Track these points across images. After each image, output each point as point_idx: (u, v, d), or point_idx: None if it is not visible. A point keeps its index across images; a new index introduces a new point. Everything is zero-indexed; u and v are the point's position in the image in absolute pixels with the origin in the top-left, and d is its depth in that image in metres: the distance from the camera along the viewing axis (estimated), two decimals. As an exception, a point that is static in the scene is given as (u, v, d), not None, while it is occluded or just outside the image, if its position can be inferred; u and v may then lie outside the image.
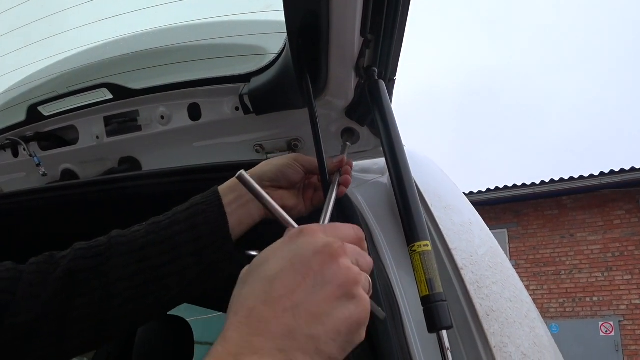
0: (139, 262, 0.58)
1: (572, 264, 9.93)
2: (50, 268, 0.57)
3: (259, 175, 0.69)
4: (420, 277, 0.54)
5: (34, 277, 0.56)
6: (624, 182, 9.33)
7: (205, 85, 0.93)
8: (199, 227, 0.61)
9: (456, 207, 0.81)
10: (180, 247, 0.60)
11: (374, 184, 0.88)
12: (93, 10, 0.92)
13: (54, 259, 0.59)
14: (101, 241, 0.61)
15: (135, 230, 0.62)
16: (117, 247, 0.59)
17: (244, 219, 0.65)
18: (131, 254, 0.59)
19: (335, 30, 0.67)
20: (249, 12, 0.86)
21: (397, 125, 0.69)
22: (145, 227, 0.62)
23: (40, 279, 0.56)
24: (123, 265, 0.58)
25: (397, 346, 0.60)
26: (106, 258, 0.58)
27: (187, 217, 0.62)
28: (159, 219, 0.63)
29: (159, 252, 0.59)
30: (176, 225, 0.61)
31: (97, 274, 0.57)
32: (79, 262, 0.58)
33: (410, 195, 0.62)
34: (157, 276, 0.59)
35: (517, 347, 0.59)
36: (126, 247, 0.59)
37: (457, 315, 0.62)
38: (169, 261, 0.59)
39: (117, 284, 0.57)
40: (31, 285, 0.54)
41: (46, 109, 1.07)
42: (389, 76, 0.77)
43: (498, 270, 0.71)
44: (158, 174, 0.94)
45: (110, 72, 1.00)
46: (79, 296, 0.56)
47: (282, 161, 0.70)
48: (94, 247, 0.60)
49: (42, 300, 0.54)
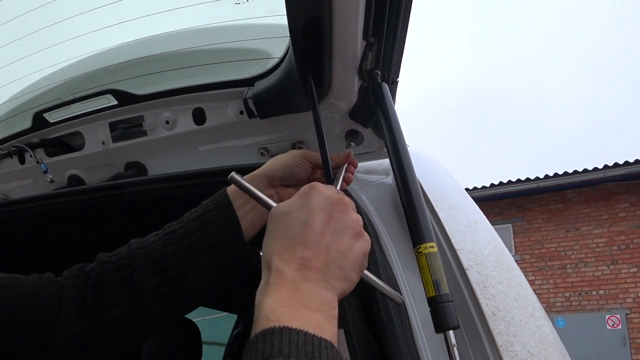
0: (160, 274, 0.61)
1: (578, 258, 9.90)
2: (84, 282, 0.60)
3: (269, 175, 0.70)
4: (427, 278, 0.55)
5: (74, 290, 0.59)
6: (629, 174, 9.29)
7: (210, 89, 0.94)
8: (213, 235, 0.63)
9: (461, 207, 0.81)
10: (197, 256, 0.62)
11: (378, 184, 0.89)
12: (97, 17, 0.93)
13: (83, 271, 0.62)
14: (122, 254, 0.63)
15: (153, 242, 0.64)
16: (137, 260, 0.62)
17: (256, 220, 0.67)
18: (152, 267, 0.61)
19: (337, 34, 0.68)
20: (252, 17, 0.86)
21: (400, 127, 0.70)
22: (161, 237, 0.64)
23: (78, 292, 0.59)
24: (146, 277, 0.61)
25: (405, 346, 0.61)
26: (129, 272, 0.61)
27: (201, 225, 0.64)
28: (174, 227, 0.65)
29: (177, 263, 0.62)
30: (191, 234, 0.63)
31: (123, 287, 0.60)
32: (106, 276, 0.61)
33: (415, 196, 0.62)
34: (178, 285, 0.62)
35: (524, 345, 0.60)
36: (146, 259, 0.62)
37: (464, 316, 0.62)
38: (187, 270, 0.62)
39: (142, 296, 0.60)
40: (73, 300, 0.58)
41: (52, 116, 1.08)
42: (392, 78, 0.78)
43: (503, 270, 0.71)
44: (164, 179, 0.95)
45: (115, 78, 1.01)
46: (110, 309, 0.59)
47: (291, 160, 0.71)
48: (116, 260, 0.62)
49: (84, 313, 0.58)
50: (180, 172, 0.96)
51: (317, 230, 0.47)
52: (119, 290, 0.60)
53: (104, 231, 1.16)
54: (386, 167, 0.93)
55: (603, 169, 9.47)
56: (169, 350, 1.66)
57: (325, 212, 0.49)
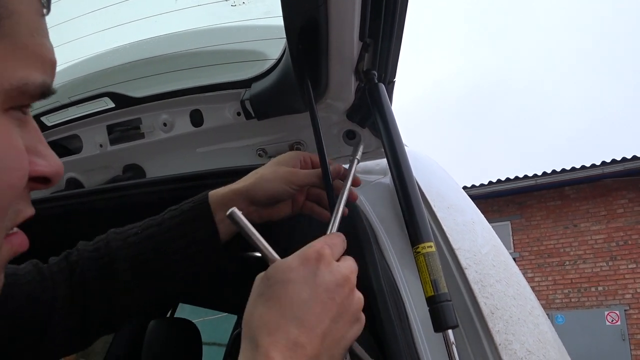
0: (137, 267, 0.64)
1: (577, 254, 9.92)
2: (69, 276, 0.63)
3: (250, 196, 0.67)
4: (425, 278, 0.55)
5: (64, 287, 0.62)
6: (626, 170, 9.31)
7: (207, 91, 0.94)
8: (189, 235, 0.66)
9: (459, 207, 0.81)
10: (171, 254, 0.65)
11: (376, 184, 0.89)
12: (93, 20, 0.93)
13: (69, 262, 0.65)
14: (100, 244, 0.66)
15: (132, 234, 0.66)
16: (116, 252, 0.65)
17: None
18: (129, 260, 0.64)
19: (334, 35, 0.68)
20: (248, 19, 0.86)
21: (397, 127, 0.70)
22: (140, 233, 0.67)
23: (68, 289, 0.62)
24: (124, 269, 0.64)
25: (405, 344, 0.61)
26: (108, 263, 0.64)
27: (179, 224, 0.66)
28: (152, 223, 0.68)
29: (154, 258, 0.64)
30: (169, 232, 0.66)
31: (104, 279, 0.64)
32: (87, 265, 0.64)
33: (413, 196, 0.62)
34: (155, 280, 0.65)
35: (522, 344, 0.60)
36: (124, 252, 0.65)
37: (462, 315, 0.63)
38: (162, 267, 0.65)
39: (121, 287, 0.64)
40: (64, 298, 0.61)
41: (49, 119, 1.08)
42: (389, 79, 0.78)
43: (501, 269, 0.71)
44: (162, 181, 0.95)
45: (112, 81, 1.01)
46: (93, 297, 0.63)
47: (276, 187, 0.67)
48: (95, 250, 0.66)
49: (76, 307, 0.62)
50: (179, 174, 0.96)
51: (317, 313, 0.43)
52: (100, 281, 0.63)
53: (103, 233, 1.16)
54: (384, 167, 0.93)
55: (601, 166, 9.49)
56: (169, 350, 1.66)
57: (329, 294, 0.44)
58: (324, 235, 0.52)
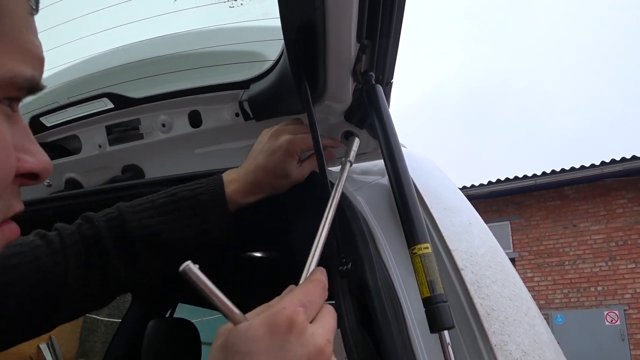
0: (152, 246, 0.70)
1: (576, 254, 9.93)
2: (83, 247, 0.67)
3: (259, 185, 0.77)
4: (421, 279, 0.55)
5: (77, 259, 0.65)
6: (626, 170, 9.32)
7: (205, 92, 0.94)
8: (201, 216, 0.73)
9: (456, 208, 0.82)
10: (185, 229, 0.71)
11: (374, 185, 0.89)
12: (92, 21, 0.93)
13: (83, 236, 0.68)
14: (116, 221, 0.70)
15: (146, 209, 0.72)
16: (131, 230, 0.69)
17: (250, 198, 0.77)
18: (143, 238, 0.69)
19: (331, 37, 0.68)
20: (246, 20, 0.87)
21: (394, 128, 0.70)
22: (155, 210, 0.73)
23: (81, 257, 0.66)
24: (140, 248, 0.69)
25: (401, 345, 0.61)
26: (127, 241, 0.69)
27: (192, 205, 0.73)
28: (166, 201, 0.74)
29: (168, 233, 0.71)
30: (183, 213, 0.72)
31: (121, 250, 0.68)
32: (107, 242, 0.68)
33: (410, 198, 0.63)
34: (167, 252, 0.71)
35: (518, 345, 0.61)
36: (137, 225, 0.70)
37: (458, 316, 0.63)
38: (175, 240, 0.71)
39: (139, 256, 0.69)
40: (77, 267, 0.65)
41: (48, 120, 1.08)
42: (386, 80, 0.78)
43: (498, 270, 0.72)
44: (161, 182, 0.95)
45: (111, 82, 1.01)
46: (112, 265, 0.67)
47: (276, 171, 0.77)
48: (113, 227, 0.70)
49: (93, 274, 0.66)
50: (177, 174, 0.96)
51: None
52: (117, 257, 0.67)
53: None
54: (382, 168, 0.93)
55: (600, 166, 9.49)
56: (169, 350, 1.66)
57: None
58: (301, 285, 0.45)
